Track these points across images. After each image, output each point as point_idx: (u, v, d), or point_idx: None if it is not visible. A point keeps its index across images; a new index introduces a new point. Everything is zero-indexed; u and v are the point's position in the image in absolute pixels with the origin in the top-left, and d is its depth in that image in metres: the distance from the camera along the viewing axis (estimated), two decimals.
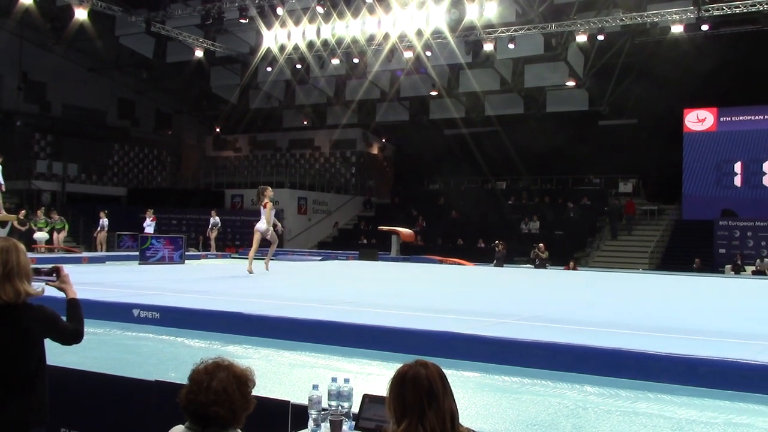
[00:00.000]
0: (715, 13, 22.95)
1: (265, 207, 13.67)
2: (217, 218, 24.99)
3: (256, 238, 13.87)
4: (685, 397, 5.03)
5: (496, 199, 33.35)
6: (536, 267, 22.97)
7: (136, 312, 7.89)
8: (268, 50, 27.99)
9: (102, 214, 23.92)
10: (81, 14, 24.28)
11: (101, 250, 22.91)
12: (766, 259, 24.21)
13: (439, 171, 36.43)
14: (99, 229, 23.86)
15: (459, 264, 22.87)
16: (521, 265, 24.22)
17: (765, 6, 22.43)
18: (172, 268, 16.40)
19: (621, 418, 4.50)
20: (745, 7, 22.57)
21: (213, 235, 24.95)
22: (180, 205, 33.75)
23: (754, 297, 12.98)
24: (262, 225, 13.73)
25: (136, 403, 4.37)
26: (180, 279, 13.00)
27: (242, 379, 2.68)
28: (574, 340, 6.09)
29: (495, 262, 23.51)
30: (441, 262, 23.38)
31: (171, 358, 6.17)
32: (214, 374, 2.64)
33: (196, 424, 2.63)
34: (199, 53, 28.88)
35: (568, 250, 26.26)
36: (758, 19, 24.70)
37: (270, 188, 14.23)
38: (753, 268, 23.82)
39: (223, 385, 2.61)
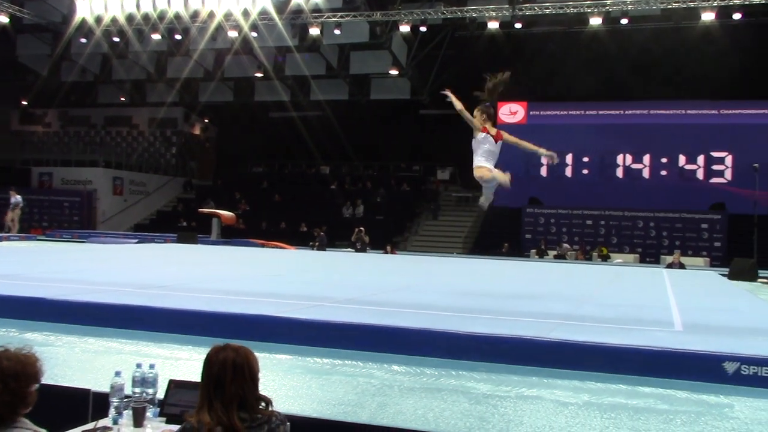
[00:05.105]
0: (528, 12, 24.46)
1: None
2: (19, 197, 23.17)
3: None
4: (485, 373, 5.34)
5: (322, 184, 33.59)
6: (357, 251, 23.41)
7: None
8: (83, 21, 26.40)
9: None
10: None
11: None
12: (565, 245, 26.17)
13: (265, 154, 36.12)
14: None
15: (281, 248, 22.84)
16: (342, 249, 24.59)
17: (572, 9, 24.23)
18: None
19: (424, 394, 4.71)
20: (554, 8, 24.23)
21: (16, 215, 23.14)
22: None
23: (551, 279, 14.02)
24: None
25: None
26: None
27: (11, 374, 2.45)
28: (384, 321, 6.29)
29: (317, 246, 23.70)
30: (263, 245, 23.24)
31: None
32: None
33: None
34: (3, 19, 26.59)
35: (387, 235, 26.96)
36: (566, 21, 26.58)
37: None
38: (555, 252, 25.68)
39: None
